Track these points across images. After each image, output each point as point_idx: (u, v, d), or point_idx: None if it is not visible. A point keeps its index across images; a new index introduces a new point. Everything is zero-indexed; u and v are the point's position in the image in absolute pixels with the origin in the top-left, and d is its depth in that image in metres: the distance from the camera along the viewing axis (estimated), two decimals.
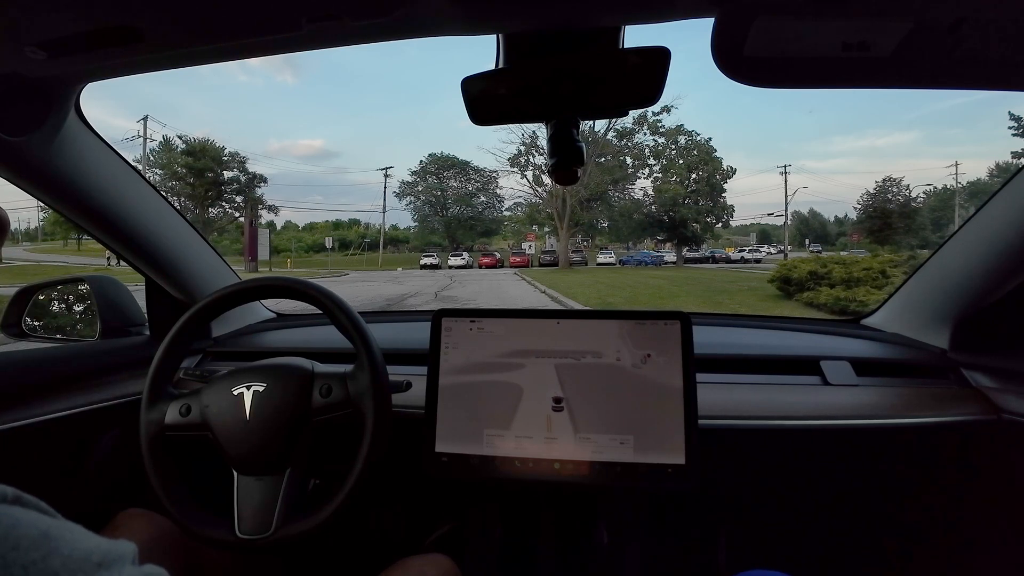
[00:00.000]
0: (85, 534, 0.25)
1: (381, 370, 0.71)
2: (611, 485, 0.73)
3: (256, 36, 0.54)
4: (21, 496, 0.24)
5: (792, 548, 0.96)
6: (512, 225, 35.90)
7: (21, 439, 0.78)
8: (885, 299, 1.07)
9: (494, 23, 0.54)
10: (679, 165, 26.71)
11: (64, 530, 0.24)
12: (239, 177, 26.52)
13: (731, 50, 0.48)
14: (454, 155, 36.64)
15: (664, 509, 0.97)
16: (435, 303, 9.56)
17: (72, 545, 0.23)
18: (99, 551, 0.24)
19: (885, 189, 25.49)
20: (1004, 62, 0.47)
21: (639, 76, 0.55)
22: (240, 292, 0.78)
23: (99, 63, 0.60)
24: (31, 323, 1.05)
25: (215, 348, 1.10)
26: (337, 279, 17.24)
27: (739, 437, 0.82)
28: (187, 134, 29.14)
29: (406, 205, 36.93)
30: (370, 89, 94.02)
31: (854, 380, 0.87)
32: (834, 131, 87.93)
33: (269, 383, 0.71)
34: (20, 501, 0.24)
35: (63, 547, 0.22)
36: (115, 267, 14.57)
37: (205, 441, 0.71)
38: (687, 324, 0.75)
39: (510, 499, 0.99)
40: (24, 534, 0.22)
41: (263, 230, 23.52)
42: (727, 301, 9.45)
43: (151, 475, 0.69)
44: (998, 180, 23.86)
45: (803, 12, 0.43)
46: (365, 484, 0.67)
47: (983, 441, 0.79)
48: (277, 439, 0.69)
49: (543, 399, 0.75)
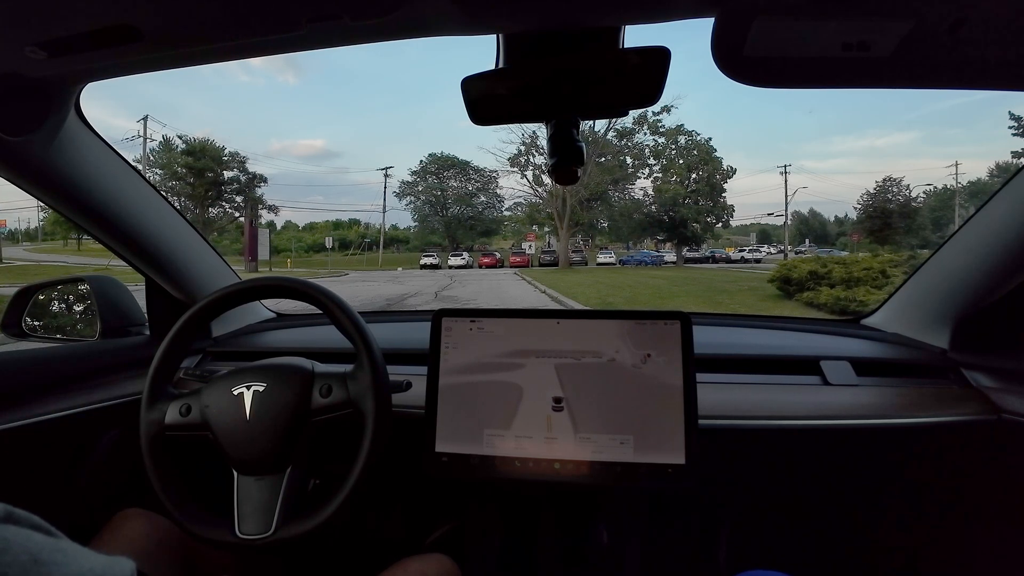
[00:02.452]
0: (80, 553, 0.24)
1: (381, 370, 0.71)
2: (611, 485, 0.73)
3: (256, 36, 0.54)
4: (13, 512, 0.23)
5: (792, 548, 0.96)
6: (512, 225, 35.95)
7: (21, 439, 0.78)
8: (885, 299, 1.07)
9: (494, 23, 0.54)
10: (679, 165, 26.71)
11: (56, 551, 0.22)
12: (239, 177, 26.58)
13: (731, 50, 0.47)
14: (454, 155, 36.71)
15: (664, 509, 0.97)
16: (435, 303, 9.55)
17: (65, 569, 0.22)
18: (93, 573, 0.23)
19: (885, 189, 25.52)
20: (1004, 62, 0.47)
21: (639, 76, 0.55)
22: (240, 292, 0.78)
23: (99, 63, 0.60)
24: (31, 323, 1.05)
25: (215, 348, 1.10)
26: (337, 279, 17.23)
27: (739, 437, 0.82)
28: (187, 134, 29.22)
29: (406, 205, 37.01)
30: (371, 89, 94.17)
31: (854, 380, 0.87)
32: (834, 131, 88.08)
33: (269, 383, 0.71)
34: (12, 518, 0.23)
35: (55, 572, 0.21)
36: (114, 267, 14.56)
37: (205, 441, 0.71)
38: (687, 324, 0.75)
39: (510, 499, 0.99)
40: (13, 560, 0.21)
41: (263, 230, 23.52)
42: (727, 301, 9.45)
43: (151, 475, 0.69)
44: (998, 180, 23.87)
45: (803, 12, 0.43)
46: (365, 484, 0.67)
47: (983, 441, 0.79)
48: (277, 439, 0.69)
49: (543, 399, 0.75)
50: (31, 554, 0.21)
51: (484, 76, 0.56)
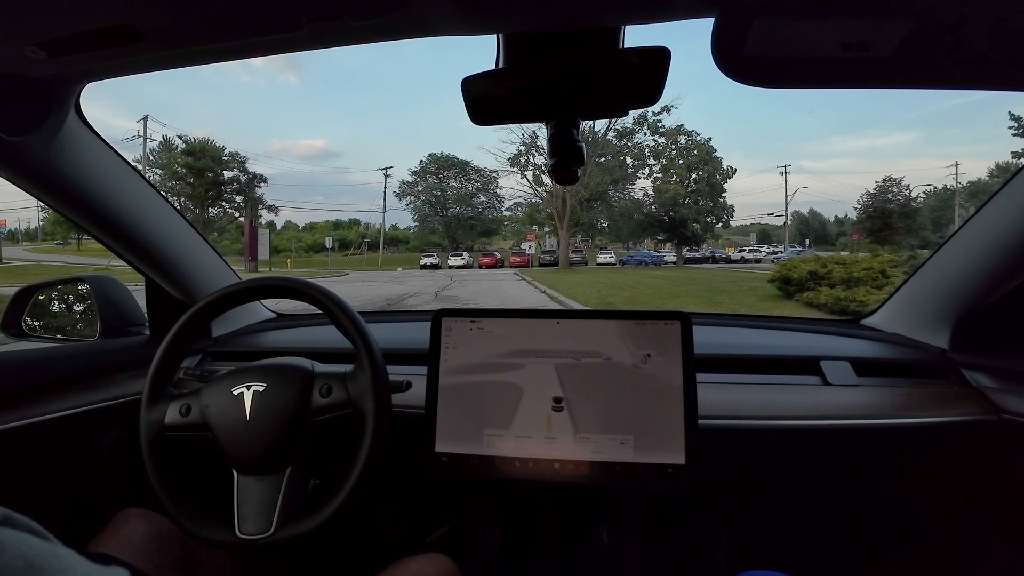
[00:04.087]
0: (76, 560, 0.23)
1: (381, 370, 0.71)
2: (611, 485, 0.73)
3: (256, 36, 0.54)
4: (10, 516, 0.23)
5: (792, 548, 0.96)
6: (512, 225, 35.91)
7: (21, 439, 0.78)
8: (885, 299, 1.07)
9: (494, 23, 0.54)
10: (679, 165, 26.68)
11: (52, 557, 0.22)
12: (239, 177, 26.57)
13: (731, 50, 0.48)
14: (454, 155, 36.70)
15: (664, 509, 0.97)
16: (435, 303, 9.55)
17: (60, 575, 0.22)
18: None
19: (885, 189, 25.53)
20: (1004, 62, 0.47)
21: (639, 76, 0.55)
22: (240, 292, 0.78)
23: (99, 63, 0.60)
24: (31, 323, 1.05)
25: (215, 348, 1.10)
26: (337, 279, 17.24)
27: (739, 437, 0.82)
28: (187, 134, 29.22)
29: (406, 205, 37.01)
30: (372, 90, 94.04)
31: (854, 380, 0.87)
32: (834, 131, 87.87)
33: (269, 383, 0.71)
34: (9, 522, 0.23)
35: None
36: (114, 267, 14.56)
37: (205, 441, 0.71)
38: (687, 324, 0.75)
39: (510, 499, 0.99)
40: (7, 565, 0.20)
41: (263, 230, 23.51)
42: (727, 301, 9.44)
43: (151, 475, 0.69)
44: (998, 180, 23.86)
45: (803, 12, 0.43)
46: (365, 484, 0.67)
47: (983, 441, 0.79)
48: (277, 439, 0.69)
49: (543, 399, 0.75)
50: (26, 559, 0.21)
51: (484, 76, 0.56)
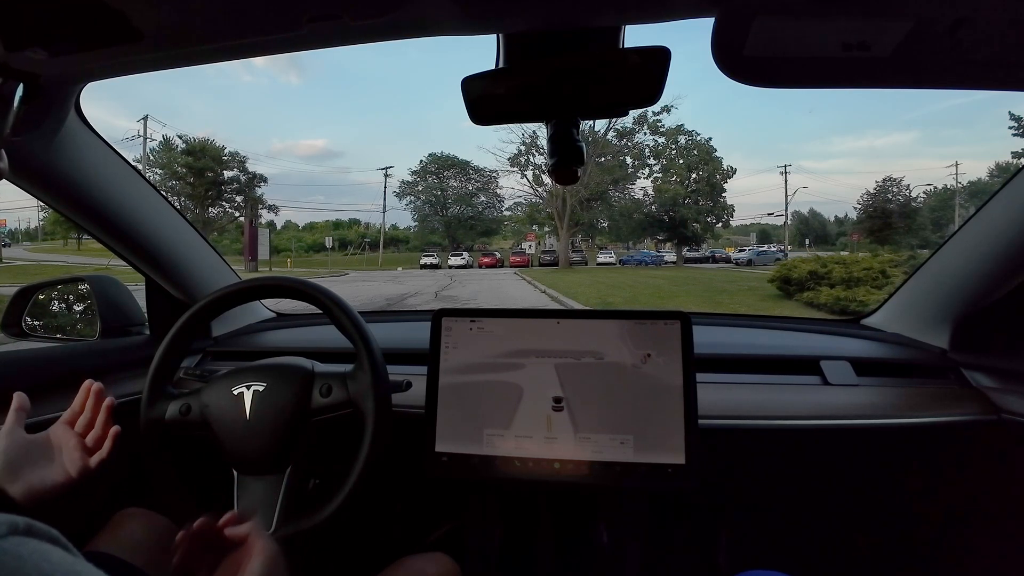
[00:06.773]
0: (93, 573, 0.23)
1: (381, 370, 0.71)
2: (611, 485, 0.73)
3: (256, 36, 0.54)
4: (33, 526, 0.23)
5: (792, 548, 0.96)
6: (512, 225, 35.91)
7: None
8: (885, 299, 1.07)
9: (494, 23, 0.54)
10: (679, 165, 26.70)
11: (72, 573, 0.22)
12: (239, 177, 26.56)
13: (731, 50, 0.47)
14: (454, 155, 36.69)
15: (664, 509, 0.97)
16: (435, 303, 9.56)
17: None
18: None
19: (885, 189, 25.52)
20: (1004, 62, 0.47)
21: (639, 76, 0.55)
22: (240, 292, 0.78)
23: (99, 63, 0.60)
24: (31, 323, 1.05)
25: (215, 348, 1.10)
26: (337, 279, 17.23)
27: (739, 437, 0.82)
28: (188, 134, 29.21)
29: (406, 205, 37.00)
30: (373, 90, 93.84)
31: (854, 380, 0.87)
32: (834, 131, 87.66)
33: (269, 383, 0.71)
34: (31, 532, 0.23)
35: None
36: (114, 267, 14.56)
37: (205, 440, 0.71)
38: (687, 324, 0.75)
39: (510, 499, 0.99)
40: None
41: (263, 230, 23.53)
42: (727, 301, 9.45)
43: (151, 474, 0.69)
44: (998, 180, 23.84)
45: (803, 12, 0.43)
46: (365, 484, 0.68)
47: (983, 441, 0.79)
48: (277, 439, 0.69)
49: (543, 399, 0.75)
50: (44, 574, 0.21)
51: (484, 76, 0.56)
